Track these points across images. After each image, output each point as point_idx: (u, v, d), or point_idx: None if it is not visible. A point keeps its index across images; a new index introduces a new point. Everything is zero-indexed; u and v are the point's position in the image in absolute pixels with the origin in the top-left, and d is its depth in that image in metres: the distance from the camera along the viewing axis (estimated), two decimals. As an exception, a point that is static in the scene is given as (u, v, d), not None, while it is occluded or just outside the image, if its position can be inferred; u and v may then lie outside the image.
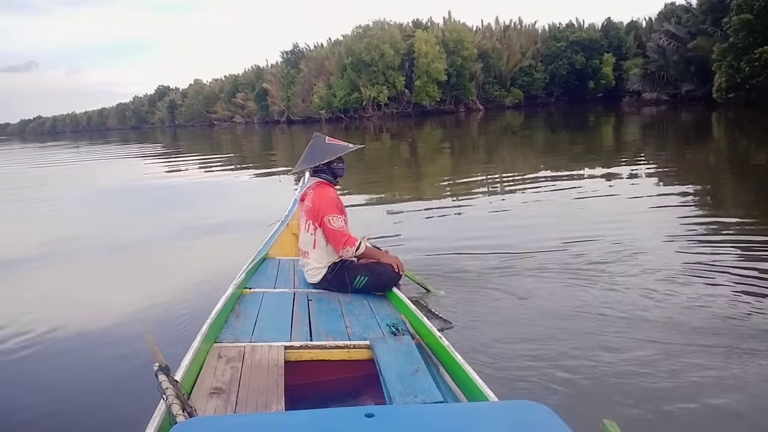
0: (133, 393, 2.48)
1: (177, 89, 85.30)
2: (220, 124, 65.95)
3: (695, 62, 26.82)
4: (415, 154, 16.14)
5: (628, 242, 4.61)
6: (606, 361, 2.67)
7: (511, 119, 30.84)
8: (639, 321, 3.09)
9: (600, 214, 5.91)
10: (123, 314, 3.63)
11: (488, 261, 4.38)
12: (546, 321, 3.18)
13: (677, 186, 7.58)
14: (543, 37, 48.30)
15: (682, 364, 2.60)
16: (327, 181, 3.27)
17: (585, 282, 3.78)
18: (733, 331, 2.90)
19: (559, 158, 11.95)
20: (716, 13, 24.10)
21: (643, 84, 32.21)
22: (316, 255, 3.20)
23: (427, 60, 42.37)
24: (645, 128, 18.91)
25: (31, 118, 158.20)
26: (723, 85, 22.78)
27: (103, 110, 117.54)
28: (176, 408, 1.43)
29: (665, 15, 35.42)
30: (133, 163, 19.35)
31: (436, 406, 1.66)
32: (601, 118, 26.11)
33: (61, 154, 28.16)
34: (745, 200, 6.61)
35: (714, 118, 20.17)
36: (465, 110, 45.51)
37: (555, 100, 47.30)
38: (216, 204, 8.61)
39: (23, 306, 4.13)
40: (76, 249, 6.03)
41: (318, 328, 2.56)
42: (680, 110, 25.19)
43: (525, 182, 8.76)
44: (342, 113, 46.05)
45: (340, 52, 46.25)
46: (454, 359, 2.09)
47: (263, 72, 59.45)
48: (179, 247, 5.90)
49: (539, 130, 21.50)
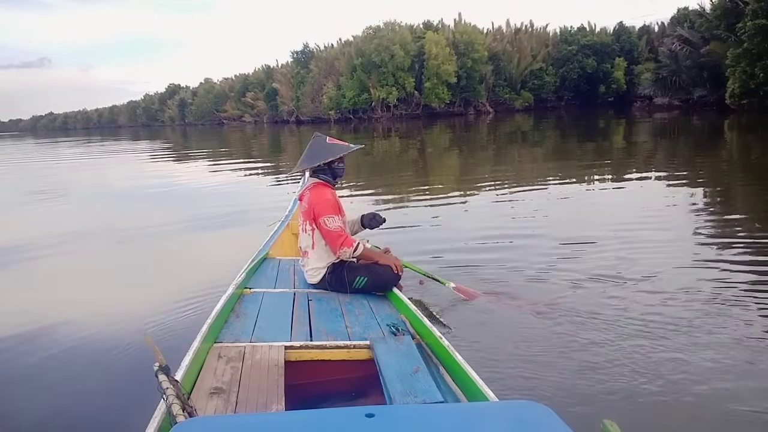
0: (133, 393, 2.48)
1: (187, 88, 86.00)
2: (229, 123, 66.34)
3: (708, 67, 26.59)
4: (423, 156, 16.14)
5: (632, 247, 4.59)
6: (606, 361, 2.66)
7: (521, 122, 30.75)
8: (639, 322, 3.08)
9: (606, 218, 5.88)
10: (123, 314, 3.63)
11: (489, 261, 4.39)
12: (546, 321, 3.18)
13: (690, 191, 7.52)
14: (554, 40, 48.12)
15: (683, 365, 2.58)
16: (325, 182, 3.26)
17: (585, 283, 3.79)
18: (737, 333, 2.88)
19: (568, 162, 11.90)
20: (730, 18, 23.86)
21: (655, 89, 31.98)
22: (316, 255, 3.20)
23: (437, 62, 42.34)
24: (657, 134, 18.77)
25: (43, 115, 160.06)
26: (736, 91, 22.57)
27: (114, 108, 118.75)
28: (176, 408, 1.43)
29: (678, 19, 35.23)
30: (141, 161, 19.49)
31: (436, 406, 1.65)
32: (611, 122, 25.96)
33: (71, 150, 28.43)
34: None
35: (727, 124, 19.99)
36: (474, 113, 45.41)
37: (565, 104, 47.10)
38: (217, 203, 8.61)
39: (23, 306, 4.15)
40: (77, 247, 6.07)
41: (318, 328, 2.56)
42: (692, 116, 24.98)
43: (532, 185, 8.71)
44: (351, 114, 46.12)
45: (350, 53, 46.34)
46: (455, 359, 2.09)
47: (273, 72, 59.75)
48: (179, 246, 5.93)
49: (549, 134, 21.42)
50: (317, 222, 3.14)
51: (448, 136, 23.86)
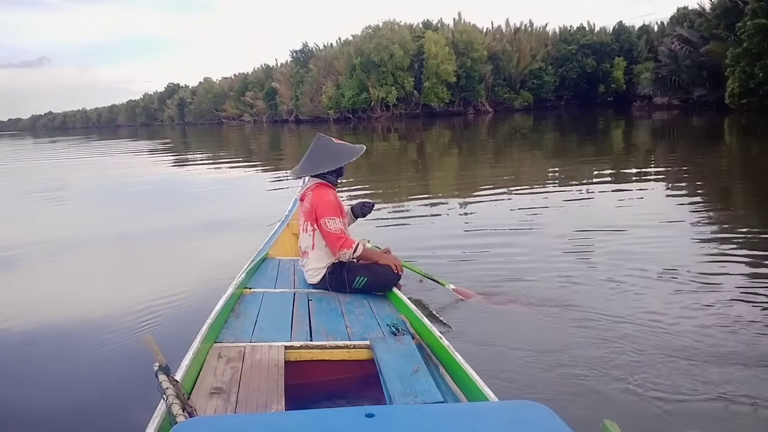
0: (133, 393, 2.48)
1: (187, 87, 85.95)
2: (228, 122, 66.30)
3: (707, 67, 26.58)
4: (422, 156, 16.13)
5: (631, 246, 4.59)
6: (606, 361, 2.66)
7: (520, 122, 30.74)
8: (639, 322, 3.08)
9: (605, 218, 5.86)
10: (123, 314, 3.62)
11: (489, 262, 4.39)
12: (546, 321, 3.18)
13: (689, 190, 7.52)
14: (553, 39, 48.11)
15: (683, 365, 2.58)
16: (328, 183, 3.26)
17: (585, 282, 3.79)
18: (739, 333, 2.88)
19: (567, 162, 11.90)
20: (730, 18, 23.85)
21: (654, 88, 31.96)
22: (316, 255, 3.19)
23: (437, 61, 42.32)
24: (656, 133, 18.78)
25: (42, 114, 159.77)
26: (736, 91, 22.55)
27: (114, 107, 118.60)
28: (176, 408, 1.43)
29: (677, 19, 35.23)
30: (140, 160, 19.46)
31: (436, 406, 1.65)
32: (611, 122, 25.96)
33: (70, 150, 28.39)
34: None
35: (726, 123, 19.99)
36: (474, 112, 45.40)
37: (565, 104, 47.09)
38: (217, 203, 8.61)
39: (23, 306, 4.13)
40: (77, 247, 6.05)
41: (318, 328, 2.56)
42: (692, 115, 24.98)
43: (530, 185, 8.71)
44: (350, 113, 46.11)
45: (349, 52, 46.31)
46: (454, 359, 2.09)
47: (272, 71, 59.71)
48: (179, 246, 5.91)
49: (548, 134, 21.41)
50: (318, 223, 3.14)
51: (447, 136, 23.85)
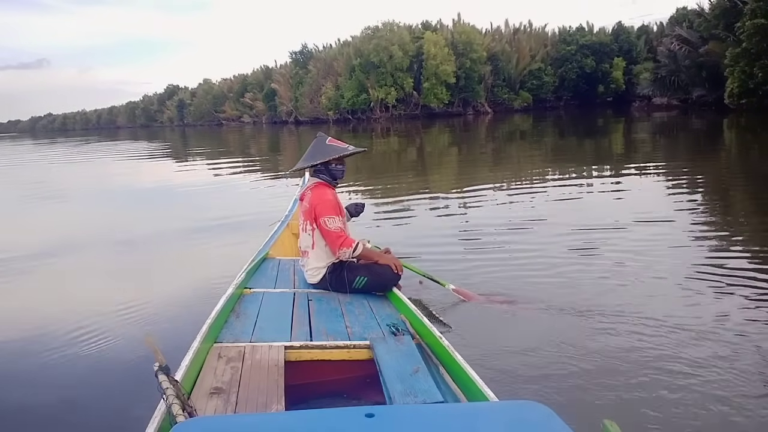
0: (133, 393, 2.48)
1: (186, 88, 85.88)
2: (228, 123, 66.28)
3: (707, 67, 26.60)
4: (422, 156, 16.13)
5: (631, 246, 4.59)
6: (606, 361, 2.66)
7: (520, 122, 30.76)
8: (639, 321, 3.09)
9: (605, 218, 5.87)
10: (123, 314, 3.63)
11: (489, 262, 4.39)
12: (546, 322, 3.18)
13: (689, 190, 7.52)
14: (553, 40, 48.18)
15: (684, 364, 2.58)
16: (326, 182, 3.27)
17: (585, 282, 3.79)
18: (740, 332, 2.88)
19: (567, 162, 11.89)
20: (729, 18, 23.88)
21: (654, 89, 32.01)
22: (316, 255, 3.20)
23: (436, 62, 42.35)
24: (656, 133, 18.78)
25: (42, 116, 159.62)
26: (735, 91, 22.58)
27: (113, 108, 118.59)
28: (176, 408, 1.43)
29: (677, 19, 35.24)
30: (140, 163, 19.46)
31: (436, 406, 1.65)
32: (610, 122, 25.98)
33: (70, 150, 28.40)
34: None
35: (726, 124, 20.00)
36: (473, 113, 45.43)
37: (564, 104, 47.14)
38: (217, 203, 8.60)
39: (23, 306, 4.14)
40: (77, 248, 6.05)
41: (318, 328, 2.55)
42: (691, 116, 25.00)
43: (530, 185, 8.72)
44: (350, 114, 46.13)
45: (348, 53, 46.35)
46: (454, 359, 2.08)
47: (272, 72, 59.74)
48: (179, 247, 5.91)
49: (548, 134, 21.42)
50: (318, 222, 3.14)
51: (446, 137, 23.86)
